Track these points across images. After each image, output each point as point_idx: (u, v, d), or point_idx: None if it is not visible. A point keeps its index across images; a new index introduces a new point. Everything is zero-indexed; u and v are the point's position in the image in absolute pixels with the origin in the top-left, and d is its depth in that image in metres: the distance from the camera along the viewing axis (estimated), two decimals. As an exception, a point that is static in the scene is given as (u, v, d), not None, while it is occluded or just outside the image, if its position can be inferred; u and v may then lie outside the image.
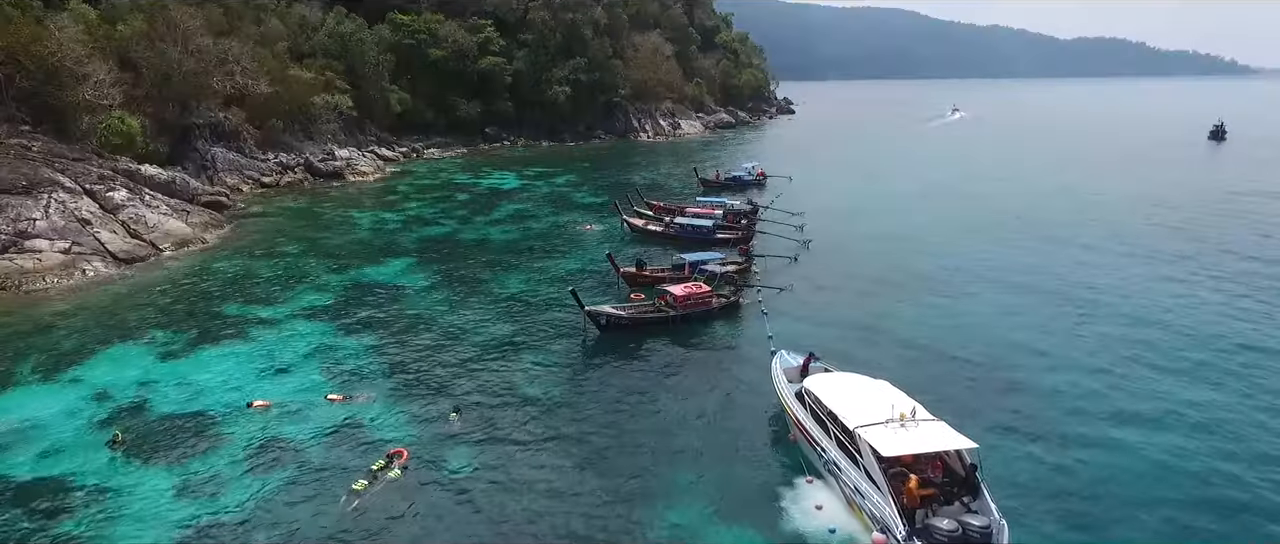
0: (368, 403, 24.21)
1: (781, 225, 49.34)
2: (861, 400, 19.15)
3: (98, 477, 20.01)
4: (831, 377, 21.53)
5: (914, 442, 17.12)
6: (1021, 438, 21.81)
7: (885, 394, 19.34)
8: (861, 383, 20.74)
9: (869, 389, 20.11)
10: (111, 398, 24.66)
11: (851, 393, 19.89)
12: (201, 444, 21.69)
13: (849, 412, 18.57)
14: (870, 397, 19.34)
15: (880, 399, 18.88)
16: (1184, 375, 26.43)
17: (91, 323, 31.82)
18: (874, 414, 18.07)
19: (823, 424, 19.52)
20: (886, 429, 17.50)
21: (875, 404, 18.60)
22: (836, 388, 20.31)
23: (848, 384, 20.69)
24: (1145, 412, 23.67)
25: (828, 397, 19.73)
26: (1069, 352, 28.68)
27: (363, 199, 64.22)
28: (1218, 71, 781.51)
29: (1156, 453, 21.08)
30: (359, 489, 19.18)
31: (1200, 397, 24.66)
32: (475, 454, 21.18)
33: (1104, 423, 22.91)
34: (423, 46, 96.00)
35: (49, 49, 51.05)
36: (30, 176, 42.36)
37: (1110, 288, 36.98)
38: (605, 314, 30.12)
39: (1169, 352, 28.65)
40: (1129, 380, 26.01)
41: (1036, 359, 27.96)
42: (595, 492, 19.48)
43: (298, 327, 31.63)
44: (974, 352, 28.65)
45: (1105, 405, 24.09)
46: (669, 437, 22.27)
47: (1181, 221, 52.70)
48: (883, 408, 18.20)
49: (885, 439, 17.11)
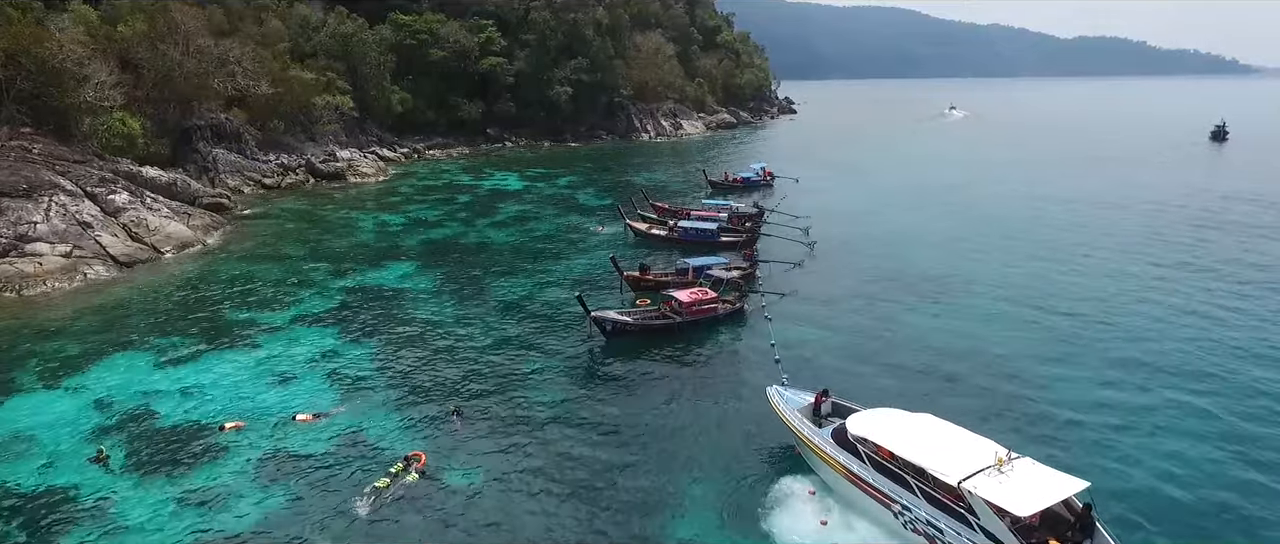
0: (338, 416, 23.61)
1: (786, 228, 49.12)
2: (938, 445, 17.28)
3: (99, 488, 19.80)
4: (873, 416, 19.15)
5: (1036, 493, 15.41)
6: (1059, 449, 21.57)
7: (954, 435, 17.73)
8: (914, 422, 18.62)
9: (932, 430, 18.12)
10: (113, 406, 24.44)
11: (920, 437, 17.75)
12: (205, 453, 21.49)
13: (938, 462, 16.60)
14: (942, 439, 17.56)
15: (954, 441, 17.31)
16: (1197, 381, 26.25)
17: (92, 328, 31.60)
18: (965, 462, 16.38)
19: (896, 476, 17.38)
20: (992, 480, 15.78)
21: (956, 448, 16.95)
22: (897, 432, 18.05)
23: (901, 425, 18.50)
24: (1175, 424, 23.44)
25: (897, 444, 17.48)
26: (1088, 360, 28.43)
27: (364, 200, 64.01)
28: (1219, 71, 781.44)
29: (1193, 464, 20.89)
30: (381, 486, 19.34)
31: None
32: (482, 462, 20.98)
33: (1134, 434, 22.63)
34: (424, 47, 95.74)
35: (50, 50, 50.78)
36: (31, 179, 42.13)
37: (1117, 293, 36.76)
38: (611, 320, 29.89)
39: (1172, 366, 28.41)
40: (1148, 391, 25.80)
41: (1052, 368, 27.71)
42: (603, 502, 19.29)
43: (299, 332, 31.41)
44: (984, 360, 28.45)
45: (1128, 417, 23.83)
46: (676, 446, 22.06)
47: (1186, 227, 52.42)
48: (967, 452, 16.62)
49: (1007, 494, 15.31)
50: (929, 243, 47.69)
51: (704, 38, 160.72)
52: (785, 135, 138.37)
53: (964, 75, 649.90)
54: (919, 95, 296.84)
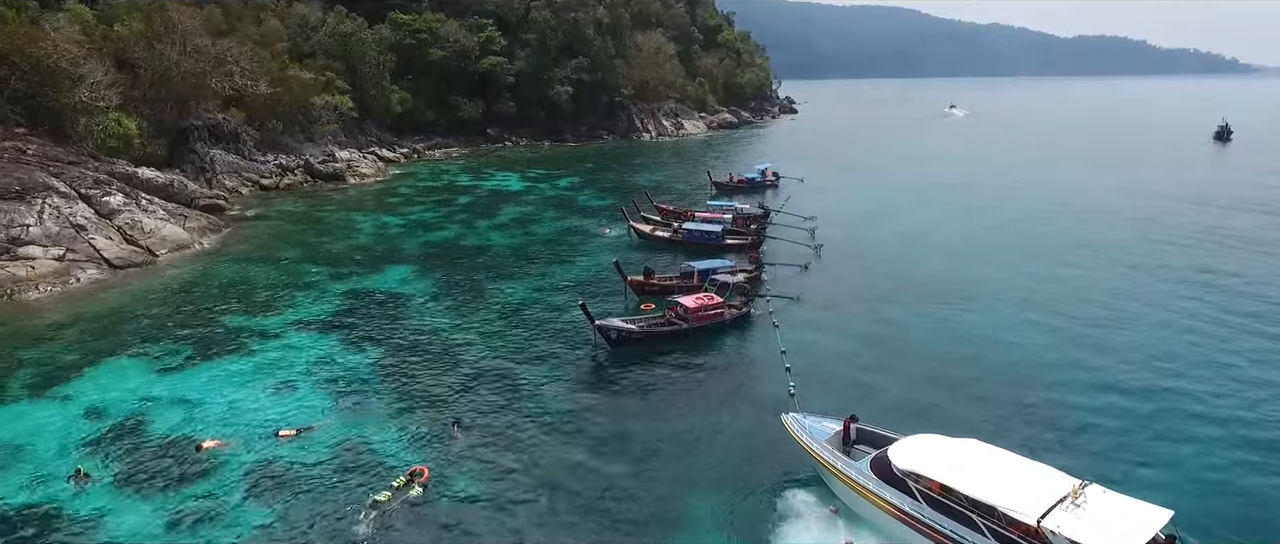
0: (326, 428, 22.77)
1: (791, 230, 48.44)
2: (1002, 478, 15.98)
3: (86, 505, 19.10)
4: (916, 446, 17.62)
5: (1123, 529, 14.40)
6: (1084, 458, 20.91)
7: (1014, 464, 16.55)
8: (964, 451, 17.21)
9: (988, 460, 16.80)
10: (103, 417, 23.74)
11: (977, 468, 16.38)
12: (198, 468, 20.77)
13: (1010, 498, 15.38)
14: (1004, 470, 16.30)
15: (1018, 472, 16.11)
16: (1227, 385, 25.59)
17: (85, 334, 30.90)
18: (1038, 496, 15.24)
19: (957, 514, 16.10)
20: (1072, 515, 14.78)
21: (1023, 480, 15.81)
22: (951, 463, 16.69)
23: (952, 455, 17.05)
24: (1213, 433, 22.78)
25: (955, 478, 16.16)
26: (1109, 365, 27.74)
27: (363, 202, 63.30)
28: (1219, 70, 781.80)
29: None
30: (383, 501, 18.76)
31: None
32: (484, 476, 20.31)
33: (1168, 442, 21.99)
34: (424, 46, 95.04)
35: (44, 50, 50.06)
36: (24, 181, 41.40)
37: (1123, 298, 36.08)
38: (616, 328, 29.17)
39: (1196, 369, 27.75)
40: (1162, 401, 25.13)
41: (1068, 374, 27.03)
42: (610, 517, 18.64)
43: (296, 338, 30.70)
44: (995, 367, 27.78)
45: (1157, 425, 23.14)
46: (685, 461, 21.36)
47: (1195, 230, 51.75)
48: (1037, 484, 15.54)
49: (1094, 533, 14.31)
50: (935, 245, 47.03)
51: (705, 37, 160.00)
52: (787, 135, 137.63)
53: (964, 74, 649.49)
54: (919, 95, 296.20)
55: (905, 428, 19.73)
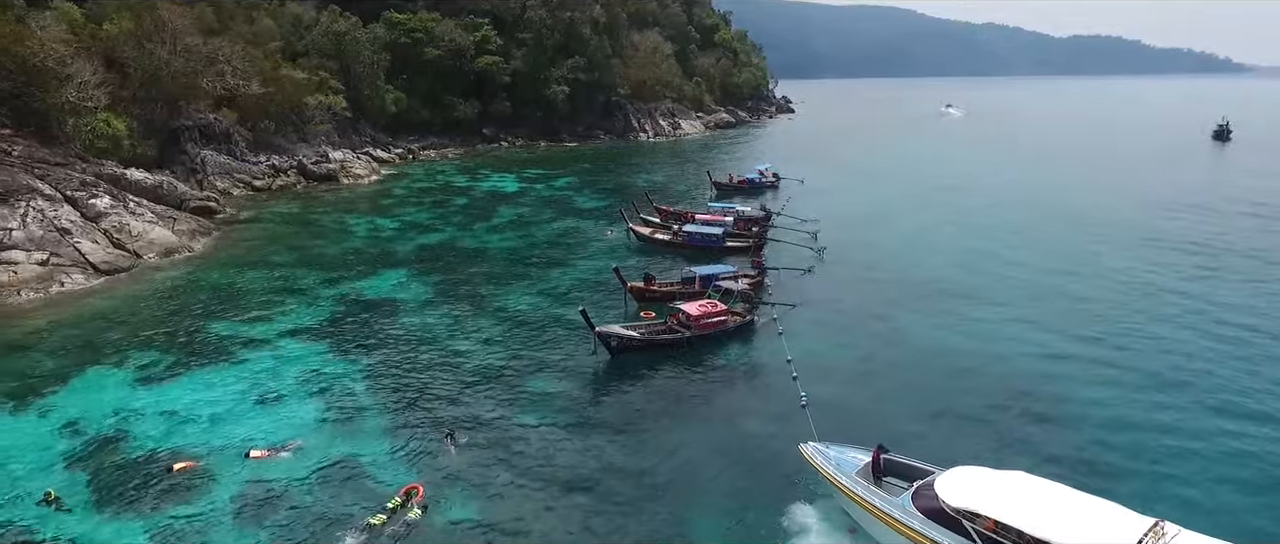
0: (296, 452, 21.38)
1: (793, 232, 47.60)
2: (1073, 517, 14.51)
3: (60, 528, 18.12)
4: (964, 480, 15.92)
5: None
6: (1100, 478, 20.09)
7: (1077, 501, 15.15)
8: (1019, 486, 15.63)
9: (1048, 496, 15.28)
10: (84, 430, 22.73)
11: (1039, 505, 14.86)
12: (181, 487, 19.76)
13: (1086, 541, 13.92)
14: (1069, 508, 14.84)
15: (1084, 510, 14.74)
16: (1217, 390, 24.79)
17: (67, 342, 29.86)
18: (1114, 539, 13.88)
19: None
20: None
21: (1094, 520, 14.37)
22: (1009, 500, 15.06)
23: (1007, 490, 15.42)
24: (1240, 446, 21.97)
25: (1018, 518, 14.53)
26: (1127, 377, 26.94)
27: (357, 203, 62.29)
28: (1213, 69, 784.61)
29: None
30: (377, 523, 17.84)
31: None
32: (480, 491, 19.37)
33: (1198, 461, 21.16)
34: (419, 45, 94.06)
35: (31, 49, 48.97)
36: (7, 183, 40.29)
37: (1141, 301, 35.31)
38: (617, 336, 28.25)
39: (1217, 381, 26.97)
40: (1174, 408, 24.32)
41: (1077, 380, 26.22)
42: (614, 537, 17.70)
43: (286, 347, 29.72)
44: (1005, 376, 26.97)
45: (1187, 441, 22.34)
46: (688, 477, 20.45)
47: (1200, 230, 51.06)
48: (1111, 525, 14.20)
49: None
50: (938, 247, 46.25)
51: (701, 36, 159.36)
52: (785, 135, 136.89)
53: (959, 74, 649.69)
54: (915, 94, 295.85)
55: (927, 448, 18.88)
